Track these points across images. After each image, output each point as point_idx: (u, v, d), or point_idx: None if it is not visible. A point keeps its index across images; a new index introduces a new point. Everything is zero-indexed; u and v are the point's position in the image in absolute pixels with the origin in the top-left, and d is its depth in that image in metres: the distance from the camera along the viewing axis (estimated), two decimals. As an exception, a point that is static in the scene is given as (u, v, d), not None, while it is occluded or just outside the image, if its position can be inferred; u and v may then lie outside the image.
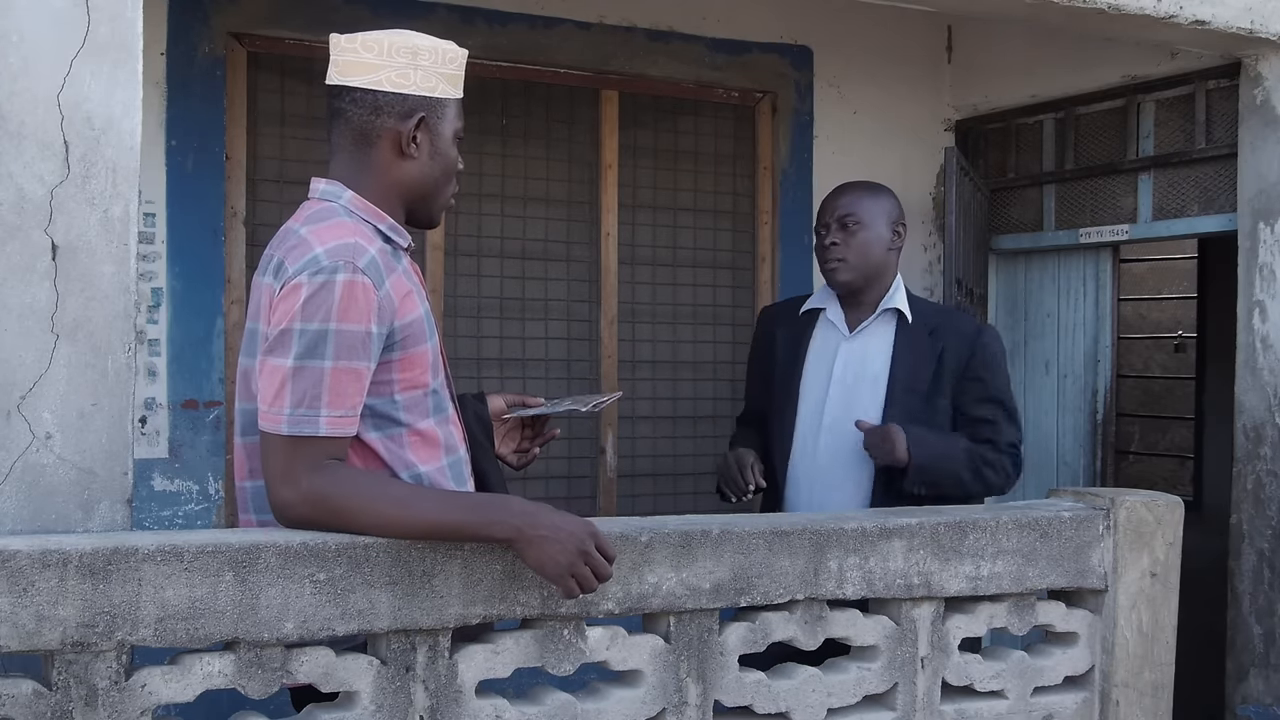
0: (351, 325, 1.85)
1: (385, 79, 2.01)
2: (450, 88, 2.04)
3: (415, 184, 2.05)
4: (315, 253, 1.88)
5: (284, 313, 1.86)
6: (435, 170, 2.05)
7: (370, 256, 1.90)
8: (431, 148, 2.04)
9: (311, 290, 1.84)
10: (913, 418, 2.72)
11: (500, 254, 4.20)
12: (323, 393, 1.83)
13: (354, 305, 1.85)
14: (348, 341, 1.85)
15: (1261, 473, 3.63)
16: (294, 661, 1.82)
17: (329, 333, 1.83)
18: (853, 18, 4.50)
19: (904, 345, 2.80)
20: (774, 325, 2.99)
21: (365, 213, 2.00)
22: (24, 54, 1.92)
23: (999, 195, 4.81)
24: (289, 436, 1.83)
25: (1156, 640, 2.42)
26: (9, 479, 1.90)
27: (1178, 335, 6.68)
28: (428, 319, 2.03)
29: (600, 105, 4.33)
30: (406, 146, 2.01)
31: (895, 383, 2.78)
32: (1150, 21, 3.31)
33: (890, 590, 2.21)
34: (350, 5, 3.82)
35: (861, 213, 2.81)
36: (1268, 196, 3.65)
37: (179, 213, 3.68)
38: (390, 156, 2.02)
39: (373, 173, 2.03)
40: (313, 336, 1.83)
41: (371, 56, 2.02)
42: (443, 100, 2.03)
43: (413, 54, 2.01)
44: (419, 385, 1.99)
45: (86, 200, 1.95)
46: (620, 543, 1.99)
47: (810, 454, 2.80)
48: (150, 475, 3.65)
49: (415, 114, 2.00)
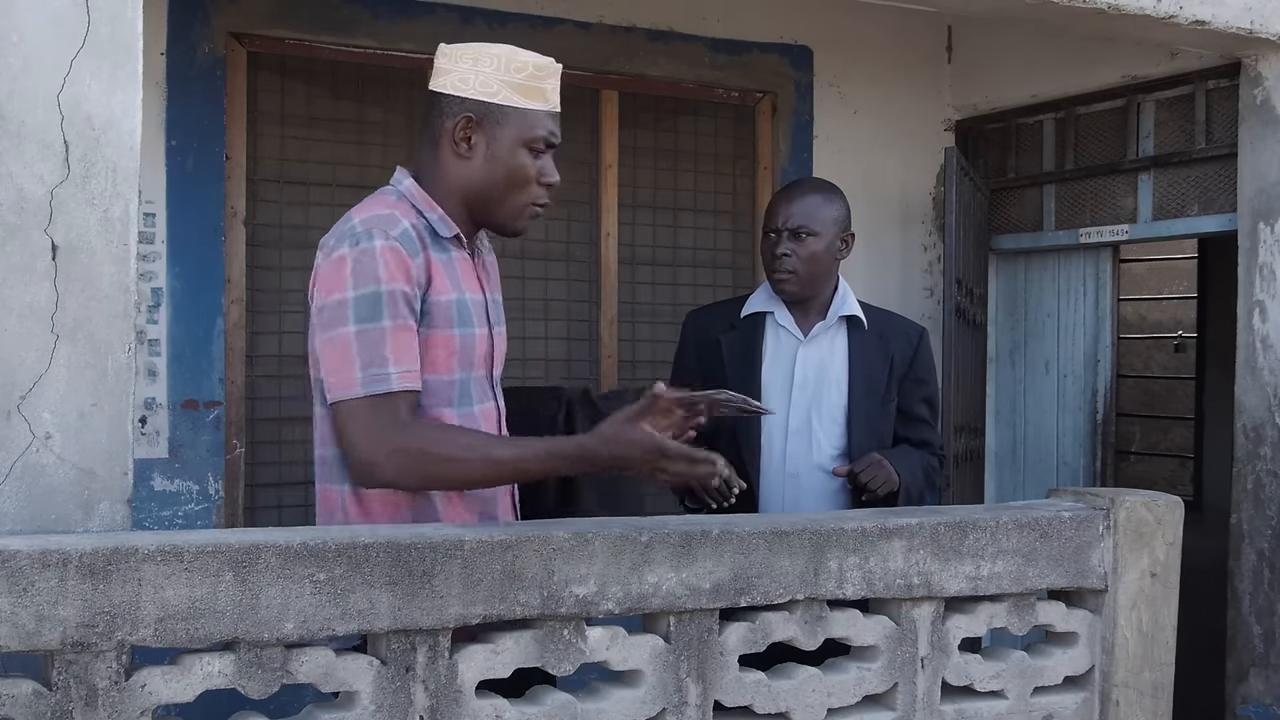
0: (398, 285, 1.97)
1: (449, 83, 2.11)
2: (518, 96, 2.09)
3: (471, 185, 2.12)
4: (353, 223, 2.02)
5: (334, 283, 1.98)
6: (494, 174, 2.11)
7: (404, 228, 2.02)
8: (488, 151, 2.10)
9: (356, 257, 1.96)
10: (871, 421, 2.81)
11: (500, 254, 4.18)
12: (388, 351, 1.95)
13: (396, 267, 1.97)
14: (397, 301, 1.97)
15: (1261, 473, 3.63)
16: (294, 661, 1.82)
17: (381, 294, 1.96)
18: (853, 18, 4.50)
19: (859, 349, 2.85)
20: (712, 330, 2.93)
21: (417, 199, 2.11)
22: (24, 54, 1.92)
23: (999, 195, 4.81)
24: (365, 398, 1.93)
25: (1156, 640, 2.42)
26: (9, 479, 1.90)
27: (1178, 335, 6.68)
28: (462, 309, 2.10)
29: (600, 105, 4.33)
30: (457, 145, 2.10)
31: (855, 386, 2.83)
32: (1150, 21, 3.31)
33: (890, 590, 2.21)
34: (350, 5, 3.82)
35: (814, 223, 2.81)
36: (1268, 196, 3.65)
37: (179, 213, 3.68)
38: (449, 156, 2.12)
39: (436, 170, 2.14)
40: (368, 300, 1.95)
41: (445, 63, 2.13)
42: (504, 106, 2.09)
43: (475, 59, 2.10)
44: (443, 369, 2.06)
45: (86, 200, 1.95)
46: (620, 543, 1.99)
47: (778, 459, 2.81)
48: (150, 475, 3.65)
49: (463, 114, 2.08)
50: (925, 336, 2.96)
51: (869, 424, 2.81)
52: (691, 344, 2.98)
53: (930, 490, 2.87)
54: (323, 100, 3.95)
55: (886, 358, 2.85)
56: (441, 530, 1.94)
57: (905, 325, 2.97)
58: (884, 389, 2.85)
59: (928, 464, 2.85)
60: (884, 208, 4.63)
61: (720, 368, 2.87)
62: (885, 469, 2.68)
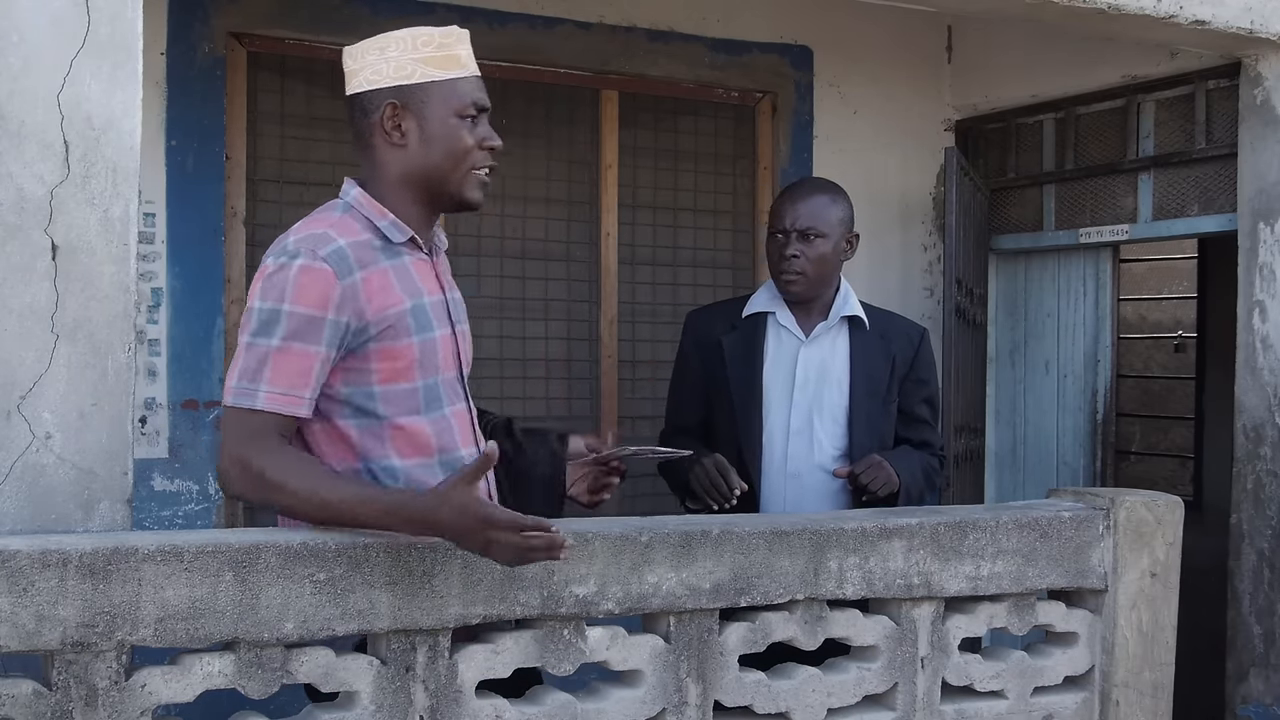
0: (304, 309, 1.91)
1: (363, 80, 2.08)
2: (432, 69, 2.05)
3: (416, 171, 2.07)
4: (286, 240, 1.98)
5: (253, 290, 1.95)
6: (433, 152, 2.06)
7: (337, 247, 1.95)
8: (421, 131, 2.05)
9: (272, 272, 1.93)
10: (872, 421, 2.82)
11: (500, 254, 4.20)
12: (265, 369, 1.90)
13: (308, 290, 1.91)
14: (298, 324, 1.90)
15: (1261, 473, 3.63)
16: (294, 661, 1.82)
17: (281, 314, 1.90)
18: (853, 18, 4.50)
19: (860, 349, 2.86)
20: (713, 331, 2.93)
21: (367, 208, 2.05)
22: (24, 54, 1.92)
23: (999, 195, 4.81)
24: (231, 407, 1.90)
25: (1156, 640, 2.42)
26: (9, 479, 1.90)
27: (1178, 335, 6.68)
28: (419, 314, 2.02)
29: (600, 105, 4.32)
30: (389, 136, 2.06)
31: (856, 387, 2.83)
32: (1150, 21, 3.31)
33: (890, 590, 2.21)
34: (350, 5, 3.82)
35: (822, 224, 2.80)
36: (1268, 196, 3.65)
37: (179, 213, 3.68)
38: (385, 151, 2.07)
39: (378, 171, 2.08)
40: (267, 315, 1.91)
41: (352, 64, 2.10)
42: (422, 84, 2.04)
43: (380, 49, 2.06)
44: (402, 379, 2.00)
45: (86, 200, 1.95)
46: (620, 543, 1.99)
47: (780, 459, 2.81)
48: (150, 475, 3.64)
49: (385, 104, 2.04)
50: (926, 337, 2.97)
51: (870, 424, 2.81)
52: (693, 344, 2.98)
53: (930, 491, 2.87)
54: (323, 100, 3.95)
55: (888, 358, 2.86)
56: (441, 530, 1.93)
57: (906, 325, 2.98)
58: (885, 389, 2.85)
59: (928, 465, 2.86)
60: (884, 208, 4.63)
61: (721, 368, 2.87)
62: (885, 470, 2.68)
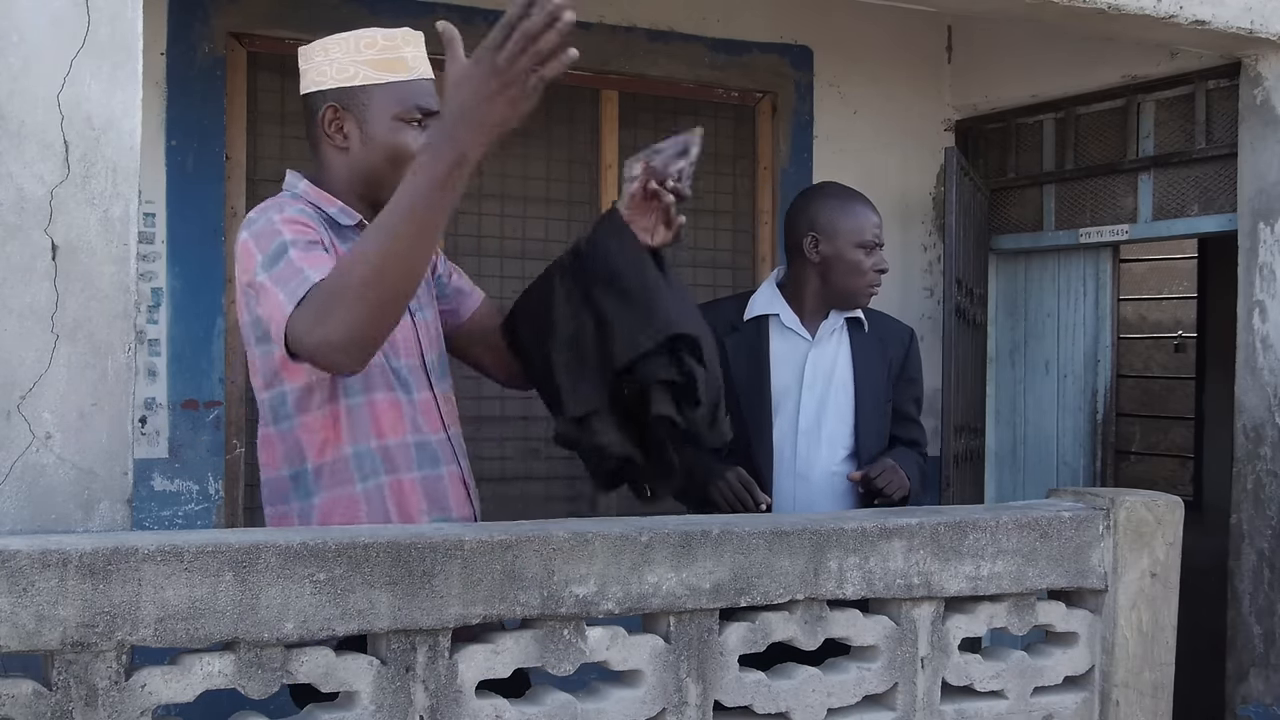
0: (301, 233, 1.92)
1: (310, 81, 2.08)
2: (375, 72, 2.04)
3: (357, 173, 2.08)
4: (249, 215, 2.00)
5: (245, 265, 1.94)
6: (373, 155, 2.06)
7: (300, 208, 1.99)
8: (361, 134, 2.05)
9: (255, 232, 1.94)
10: (876, 421, 2.87)
11: (500, 254, 4.20)
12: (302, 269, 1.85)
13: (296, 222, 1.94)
14: (303, 239, 1.91)
15: (1261, 473, 3.63)
16: (294, 661, 1.82)
17: (284, 242, 1.90)
18: (853, 18, 4.50)
19: (860, 350, 2.91)
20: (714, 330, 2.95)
21: (314, 198, 2.07)
22: (24, 54, 1.92)
23: (999, 195, 4.81)
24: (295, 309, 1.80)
25: (1156, 640, 2.42)
26: (9, 479, 1.90)
27: (1178, 335, 6.68)
28: None
29: (600, 105, 4.32)
30: (331, 138, 2.06)
31: (861, 387, 2.88)
32: (1150, 21, 3.31)
33: (890, 590, 2.21)
34: (349, 5, 3.82)
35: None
36: (1268, 196, 3.65)
37: (179, 213, 3.68)
38: (329, 151, 2.09)
39: (324, 170, 2.11)
40: (274, 250, 1.90)
41: (302, 64, 2.10)
42: (364, 87, 2.03)
43: (325, 50, 2.06)
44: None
45: (86, 200, 1.95)
46: (620, 543, 1.99)
47: (789, 460, 2.83)
48: (150, 475, 3.65)
49: (323, 106, 2.05)
50: (915, 336, 3.04)
51: (874, 424, 2.86)
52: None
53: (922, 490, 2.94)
54: (323, 100, 3.95)
55: (885, 359, 2.91)
56: (441, 530, 1.94)
57: (897, 327, 3.04)
58: (883, 389, 2.90)
59: (921, 464, 2.93)
60: (884, 208, 4.56)
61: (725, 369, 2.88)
62: (899, 475, 2.74)
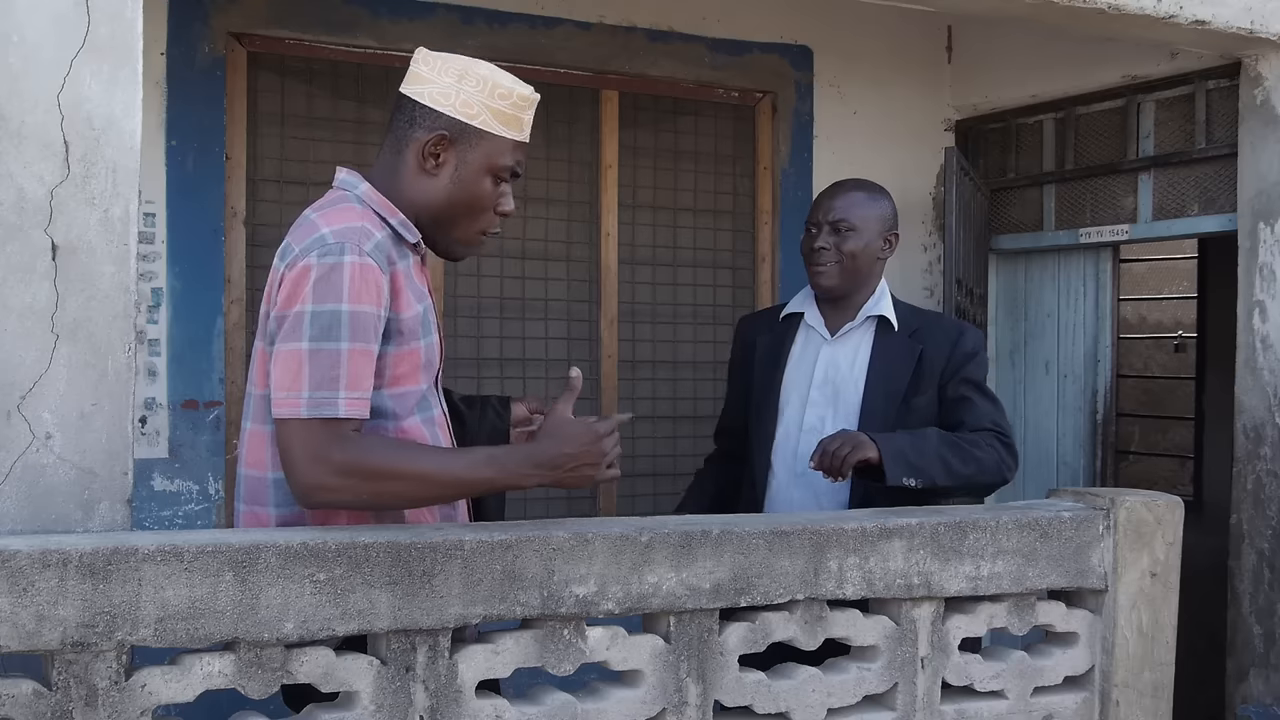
0: (363, 307, 1.86)
1: (428, 93, 2.03)
2: (496, 123, 2.03)
3: (431, 204, 2.04)
4: (322, 233, 1.90)
5: (293, 295, 1.87)
6: (456, 196, 2.04)
7: (376, 240, 1.92)
8: (455, 173, 2.03)
9: (321, 272, 1.85)
10: (888, 422, 2.71)
11: (500, 254, 4.20)
12: (340, 374, 1.84)
13: (364, 287, 1.87)
14: (361, 323, 1.86)
15: (1261, 473, 3.63)
16: (294, 661, 1.82)
17: (342, 314, 1.84)
18: (853, 18, 4.51)
19: (882, 348, 2.79)
20: (754, 333, 2.96)
21: (378, 205, 2.02)
22: (24, 54, 1.92)
23: (999, 195, 4.81)
24: (308, 420, 1.83)
25: (1156, 640, 2.42)
26: (9, 479, 1.90)
27: (1178, 335, 6.68)
28: (426, 318, 2.03)
29: (600, 105, 4.33)
30: (424, 161, 2.02)
31: (872, 385, 2.77)
32: (1150, 21, 3.31)
33: (890, 590, 2.21)
34: (350, 5, 3.82)
35: (855, 218, 2.76)
36: (1268, 196, 3.65)
37: (179, 213, 3.68)
38: (413, 168, 2.04)
39: (396, 179, 2.05)
40: (327, 318, 1.84)
41: (426, 71, 2.05)
42: (481, 130, 2.02)
43: (460, 76, 2.02)
44: (408, 383, 2.00)
45: (86, 200, 1.95)
46: (620, 543, 1.99)
47: (790, 457, 2.80)
48: (150, 475, 3.65)
49: (437, 130, 2.01)
50: (967, 332, 2.84)
51: (885, 426, 2.70)
52: (739, 348, 3.03)
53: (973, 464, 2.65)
54: (323, 100, 3.95)
55: (914, 356, 2.76)
56: (441, 530, 1.94)
57: (946, 323, 2.91)
58: (906, 387, 2.76)
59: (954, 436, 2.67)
60: (884, 208, 4.63)
61: (753, 370, 2.89)
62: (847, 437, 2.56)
